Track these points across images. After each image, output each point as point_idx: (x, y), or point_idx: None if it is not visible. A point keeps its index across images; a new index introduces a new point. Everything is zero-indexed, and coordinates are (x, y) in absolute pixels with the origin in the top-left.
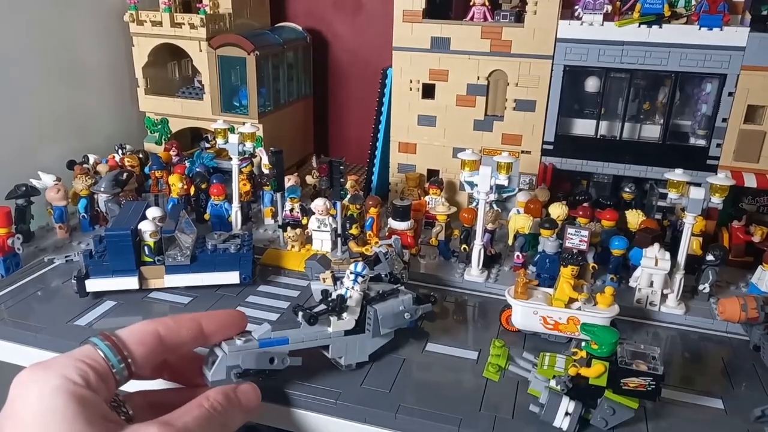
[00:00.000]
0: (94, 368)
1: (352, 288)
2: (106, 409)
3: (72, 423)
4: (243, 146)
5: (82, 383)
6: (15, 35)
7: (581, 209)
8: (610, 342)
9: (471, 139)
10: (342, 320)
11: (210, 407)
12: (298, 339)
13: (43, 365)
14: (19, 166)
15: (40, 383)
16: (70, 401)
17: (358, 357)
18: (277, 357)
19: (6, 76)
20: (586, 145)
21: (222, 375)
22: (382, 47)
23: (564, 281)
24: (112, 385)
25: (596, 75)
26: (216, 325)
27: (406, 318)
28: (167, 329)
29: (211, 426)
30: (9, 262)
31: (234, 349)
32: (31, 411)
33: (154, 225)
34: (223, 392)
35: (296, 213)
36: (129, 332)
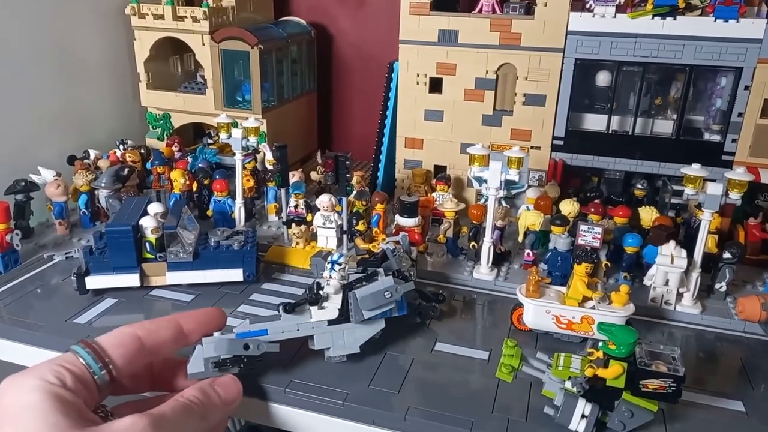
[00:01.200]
0: (73, 372)
1: (330, 277)
2: (84, 408)
3: (47, 415)
4: (246, 141)
5: (58, 383)
6: (15, 29)
7: (593, 206)
8: (629, 342)
9: (479, 135)
10: (323, 309)
11: (186, 400)
12: (277, 330)
13: (21, 372)
14: (19, 162)
15: (17, 385)
16: (46, 397)
17: (346, 348)
18: (252, 343)
19: (6, 71)
20: (597, 140)
21: (200, 367)
22: (387, 41)
23: (578, 279)
24: (92, 389)
25: (608, 69)
26: (194, 324)
27: (387, 297)
28: (146, 331)
29: (189, 418)
30: (7, 258)
31: (209, 339)
32: (9, 409)
33: (155, 221)
34: (199, 387)
35: (301, 209)
36: (108, 338)
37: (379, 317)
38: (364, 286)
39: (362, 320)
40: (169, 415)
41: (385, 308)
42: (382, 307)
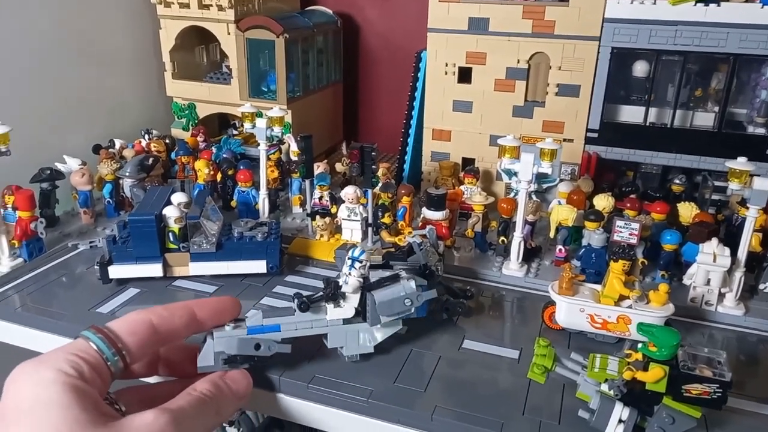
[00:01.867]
0: (88, 361)
1: (349, 274)
2: (101, 402)
3: (67, 411)
4: (271, 131)
5: (76, 375)
6: (43, 19)
7: (629, 201)
8: (671, 344)
9: (509, 126)
10: (339, 308)
11: (199, 394)
12: (290, 327)
13: (35, 360)
14: (45, 150)
15: (33, 377)
16: (65, 391)
17: (361, 348)
18: (264, 343)
19: (33, 60)
20: (633, 133)
21: (210, 361)
22: (414, 31)
23: (614, 277)
24: (107, 377)
25: (646, 58)
26: (208, 312)
27: (406, 305)
28: (159, 318)
29: (204, 411)
30: (32, 246)
31: (221, 335)
32: (27, 404)
33: (179, 211)
34: (210, 380)
35: (325, 201)
36: (121, 323)
37: (398, 319)
38: (384, 287)
39: (378, 324)
40: (187, 410)
41: (403, 315)
42: (400, 313)
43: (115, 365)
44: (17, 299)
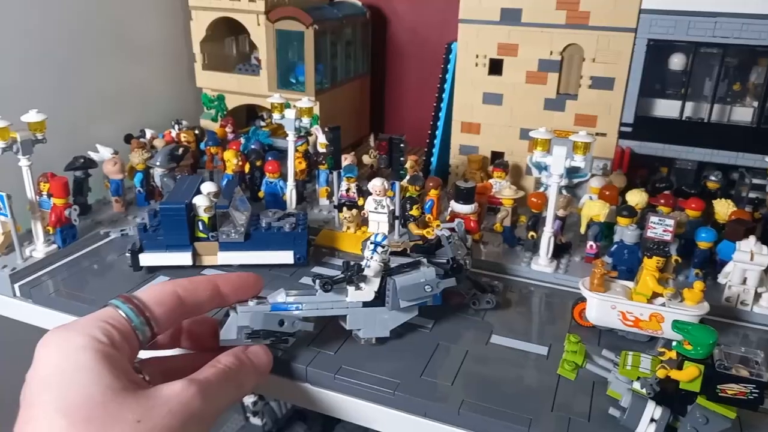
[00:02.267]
0: (117, 328)
1: (371, 258)
2: (131, 369)
3: (99, 376)
4: (299, 122)
5: (107, 341)
6: (75, 10)
7: (663, 197)
8: (707, 343)
9: (540, 120)
10: (360, 290)
11: (223, 366)
12: (311, 306)
13: (66, 326)
14: (79, 139)
15: (65, 343)
16: (96, 356)
17: (378, 331)
18: (287, 320)
19: (66, 50)
20: (668, 127)
21: (232, 335)
22: (443, 24)
23: (648, 274)
24: (135, 345)
25: (683, 51)
26: (231, 286)
27: (426, 291)
28: (185, 290)
29: (228, 384)
30: (66, 233)
31: (245, 309)
32: (57, 368)
33: (208, 200)
34: (233, 353)
35: (352, 193)
36: (148, 293)
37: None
38: (405, 273)
39: (397, 308)
40: (212, 381)
41: (423, 300)
42: (420, 299)
43: (143, 334)
44: (51, 285)
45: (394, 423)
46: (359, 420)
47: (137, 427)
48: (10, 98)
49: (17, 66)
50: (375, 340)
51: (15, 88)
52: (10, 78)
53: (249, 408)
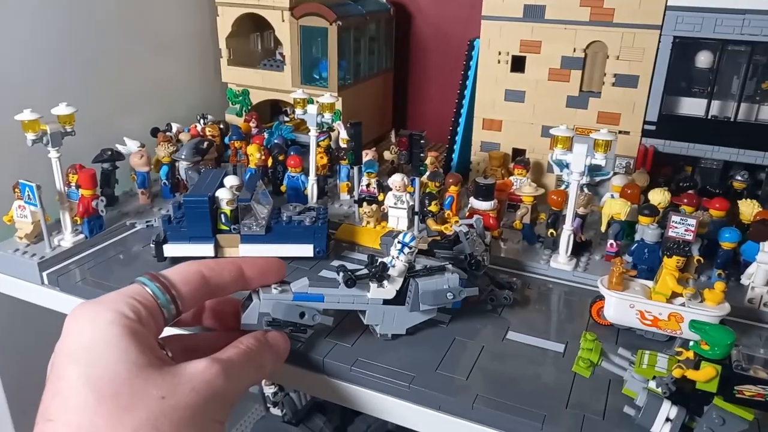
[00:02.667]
0: (144, 305)
1: (397, 258)
2: (156, 345)
3: (126, 352)
4: (322, 117)
5: (134, 317)
6: (105, 7)
7: (686, 196)
8: (725, 344)
9: (562, 117)
10: (382, 288)
11: (246, 347)
12: (333, 299)
13: (95, 301)
14: (107, 132)
15: (93, 317)
16: (124, 333)
17: (395, 328)
18: (308, 312)
19: (96, 46)
20: (694, 126)
21: (253, 320)
22: (466, 20)
23: (667, 273)
24: (161, 322)
25: (710, 48)
26: (255, 270)
27: (448, 298)
28: (210, 270)
29: (249, 364)
30: (93, 223)
31: (268, 296)
32: (85, 342)
33: (231, 193)
34: (254, 336)
35: (373, 188)
36: (175, 272)
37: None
38: (429, 276)
39: (417, 311)
40: (235, 361)
41: (442, 305)
42: (441, 304)
43: (169, 311)
44: (78, 273)
45: (408, 415)
46: (374, 412)
47: (161, 404)
48: (42, 92)
49: (48, 61)
50: (391, 336)
51: (46, 82)
52: (41, 72)
53: (269, 399)
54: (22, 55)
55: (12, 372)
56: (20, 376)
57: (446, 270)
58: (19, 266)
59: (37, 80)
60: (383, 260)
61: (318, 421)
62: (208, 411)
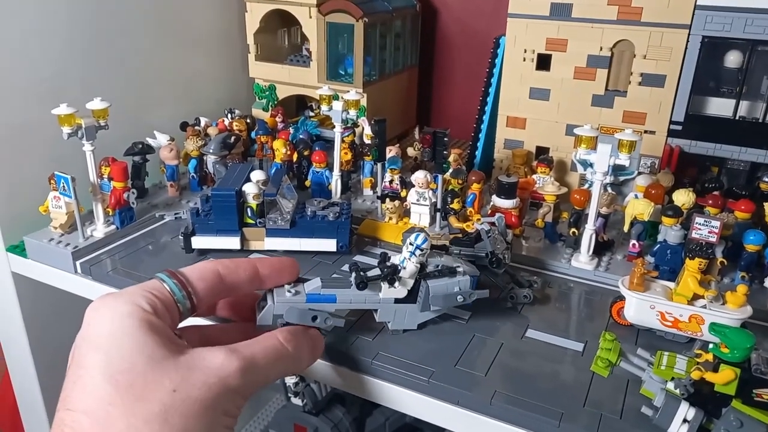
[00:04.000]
0: (161, 299)
1: (409, 259)
2: (173, 335)
3: (142, 343)
4: (346, 114)
5: (151, 310)
6: (135, 5)
7: (711, 198)
8: (745, 347)
9: (587, 116)
10: (394, 288)
11: (282, 341)
12: (345, 299)
13: (114, 294)
14: (138, 126)
15: (112, 308)
16: (141, 324)
17: (406, 324)
18: (320, 316)
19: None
20: (721, 127)
21: (268, 321)
22: (492, 16)
23: (689, 275)
24: (176, 316)
25: (740, 48)
26: (270, 269)
27: (458, 301)
28: (226, 269)
29: (278, 362)
30: (124, 215)
31: (282, 300)
32: (105, 332)
33: (257, 187)
34: (294, 332)
35: (396, 185)
36: (193, 270)
37: None
38: (441, 278)
39: (427, 311)
40: (259, 359)
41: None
42: (450, 306)
43: (184, 306)
44: (109, 263)
45: (427, 409)
46: (394, 405)
47: (173, 396)
48: (76, 87)
49: (82, 58)
50: (402, 331)
51: (80, 78)
52: (76, 68)
53: (290, 388)
54: (57, 52)
55: (46, 358)
56: (54, 361)
57: (457, 273)
58: (54, 255)
59: (72, 76)
60: (394, 261)
61: (337, 411)
62: (219, 405)
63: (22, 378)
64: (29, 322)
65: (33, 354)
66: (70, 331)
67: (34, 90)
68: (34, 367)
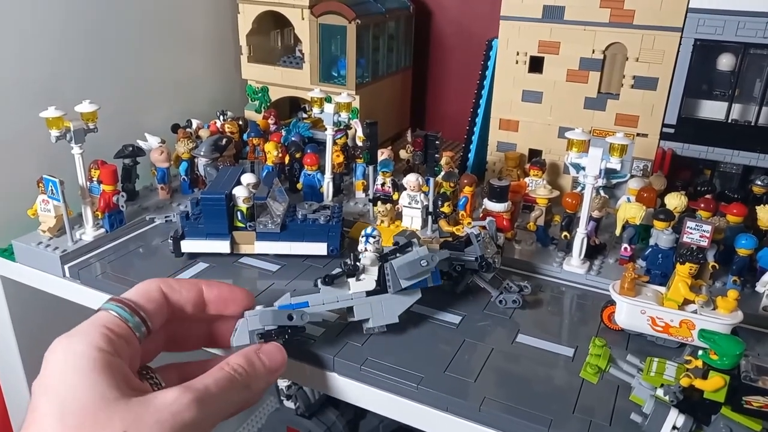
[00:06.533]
0: (116, 332)
1: (365, 249)
2: (130, 374)
3: (95, 383)
4: (338, 116)
5: (108, 348)
6: (126, 5)
7: (703, 201)
8: (734, 354)
9: (580, 119)
10: (361, 281)
11: (231, 370)
12: (317, 302)
13: (70, 334)
14: (129, 127)
15: (66, 350)
16: (95, 364)
17: (386, 318)
18: (296, 314)
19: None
20: (713, 130)
21: (245, 340)
22: (488, 17)
23: (680, 280)
24: (135, 345)
25: (732, 51)
26: (214, 294)
27: (423, 266)
28: (170, 288)
29: (233, 388)
30: (113, 218)
31: (253, 313)
32: (58, 374)
33: (247, 191)
34: (244, 355)
35: (387, 188)
36: (136, 292)
37: (416, 287)
38: (399, 255)
39: (400, 290)
40: (212, 388)
41: (422, 277)
42: (419, 276)
43: (140, 332)
44: (98, 267)
45: (416, 416)
46: (382, 411)
47: None
48: (66, 89)
49: (73, 58)
50: (386, 328)
51: (70, 80)
52: (66, 69)
53: (283, 391)
54: (47, 53)
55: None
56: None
57: (413, 245)
58: (42, 259)
59: (62, 77)
60: (354, 254)
61: (331, 414)
62: None
63: (11, 382)
64: (18, 326)
65: (22, 358)
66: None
67: (23, 92)
68: (23, 372)
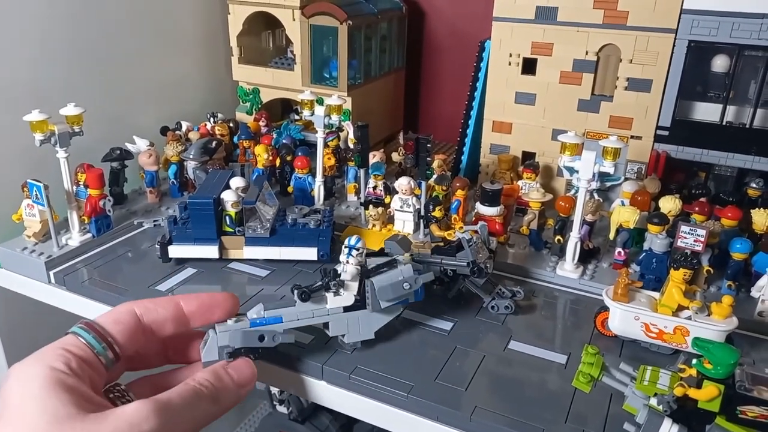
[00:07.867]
0: (77, 354)
1: (347, 262)
2: (90, 393)
3: (45, 406)
4: (329, 119)
5: (64, 369)
6: (114, 5)
7: (698, 205)
8: (728, 363)
9: (574, 121)
10: (339, 296)
11: (196, 383)
12: (292, 317)
13: (27, 358)
14: (118, 130)
15: (21, 374)
16: (47, 387)
17: (362, 334)
18: (267, 335)
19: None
20: (708, 132)
21: (214, 356)
22: (481, 18)
23: (674, 285)
24: (99, 369)
25: (726, 53)
26: (196, 306)
27: (405, 288)
28: (144, 309)
29: (199, 402)
30: (100, 223)
31: (223, 329)
32: (12, 398)
33: (236, 195)
34: (212, 370)
35: (379, 191)
36: (107, 316)
37: (397, 305)
38: (382, 273)
39: (379, 309)
40: (175, 400)
41: (403, 298)
42: (400, 297)
43: (106, 357)
44: (85, 272)
45: (406, 425)
46: (372, 420)
47: None
48: (52, 91)
49: (59, 60)
50: (360, 344)
51: (56, 81)
52: (52, 71)
53: (276, 396)
54: (32, 54)
55: None
56: None
57: (398, 262)
58: (27, 264)
59: (48, 79)
60: (334, 267)
61: (324, 419)
62: None
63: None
64: (4, 332)
65: (9, 363)
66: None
67: (8, 94)
68: None
